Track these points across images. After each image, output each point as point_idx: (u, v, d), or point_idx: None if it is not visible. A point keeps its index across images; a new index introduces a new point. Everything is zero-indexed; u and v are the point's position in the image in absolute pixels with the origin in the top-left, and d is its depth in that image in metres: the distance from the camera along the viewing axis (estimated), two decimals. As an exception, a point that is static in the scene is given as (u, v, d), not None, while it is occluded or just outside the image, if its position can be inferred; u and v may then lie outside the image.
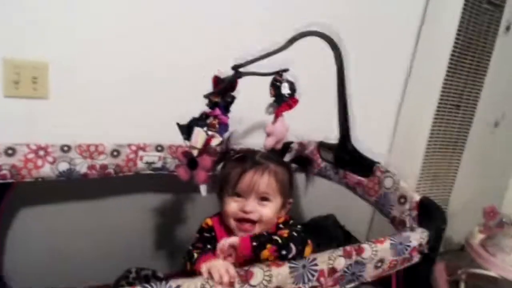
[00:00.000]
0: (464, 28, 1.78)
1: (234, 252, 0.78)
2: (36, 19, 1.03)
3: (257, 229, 0.89)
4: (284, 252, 0.75)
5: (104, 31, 1.12)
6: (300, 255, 0.77)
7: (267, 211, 0.89)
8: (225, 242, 0.79)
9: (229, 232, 0.91)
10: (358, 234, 1.33)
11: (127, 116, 1.19)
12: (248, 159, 0.92)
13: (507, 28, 1.94)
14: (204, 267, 0.69)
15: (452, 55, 1.78)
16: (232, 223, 0.90)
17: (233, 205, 0.89)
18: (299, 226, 0.89)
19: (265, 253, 0.75)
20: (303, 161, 1.07)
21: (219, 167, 0.97)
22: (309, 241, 0.80)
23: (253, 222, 0.88)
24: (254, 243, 0.76)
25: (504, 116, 2.17)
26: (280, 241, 0.77)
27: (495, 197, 2.30)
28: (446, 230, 0.95)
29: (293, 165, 1.04)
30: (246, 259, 0.77)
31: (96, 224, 1.24)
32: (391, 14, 1.61)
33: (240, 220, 0.89)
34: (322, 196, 1.24)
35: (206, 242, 0.89)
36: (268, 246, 0.76)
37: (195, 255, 0.80)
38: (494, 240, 1.59)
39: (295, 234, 0.81)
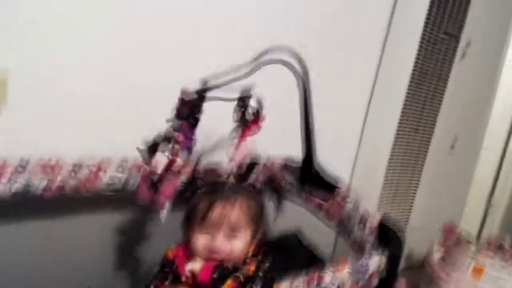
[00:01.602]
0: (422, 56, 1.86)
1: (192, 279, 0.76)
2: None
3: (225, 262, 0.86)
4: None
5: (70, 40, 1.09)
6: None
7: (237, 244, 0.86)
8: (187, 266, 0.78)
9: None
10: (324, 250, 1.34)
11: (89, 127, 1.16)
12: (216, 191, 0.89)
13: (463, 56, 2.05)
14: None
15: (411, 81, 1.86)
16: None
17: (200, 242, 0.85)
18: (267, 264, 0.85)
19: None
20: (274, 189, 1.06)
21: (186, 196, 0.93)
22: (274, 285, 0.78)
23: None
24: (215, 276, 0.73)
25: (460, 139, 2.28)
26: (242, 279, 0.74)
27: (453, 213, 2.39)
28: (407, 247, 0.97)
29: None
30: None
31: (53, 241, 1.18)
32: (352, 42, 1.66)
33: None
34: (286, 214, 1.25)
35: (164, 278, 0.85)
36: (229, 282, 0.73)
37: None
38: (452, 258, 1.65)
39: (260, 274, 0.77)
